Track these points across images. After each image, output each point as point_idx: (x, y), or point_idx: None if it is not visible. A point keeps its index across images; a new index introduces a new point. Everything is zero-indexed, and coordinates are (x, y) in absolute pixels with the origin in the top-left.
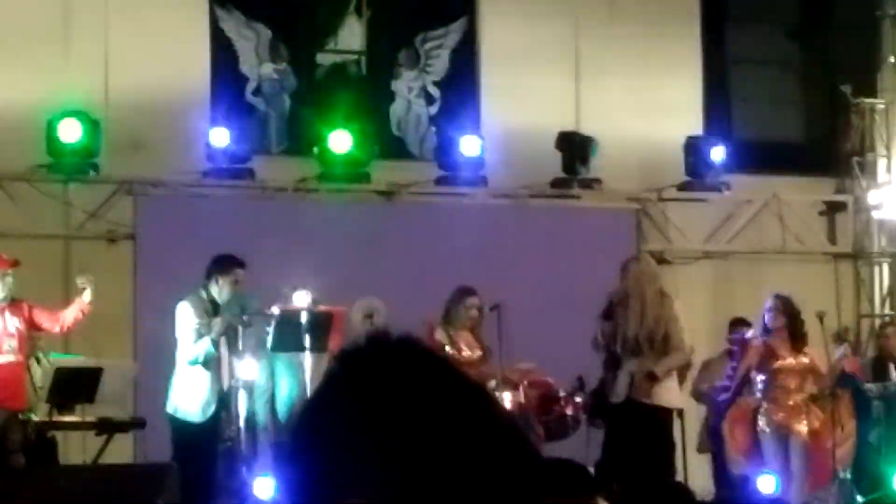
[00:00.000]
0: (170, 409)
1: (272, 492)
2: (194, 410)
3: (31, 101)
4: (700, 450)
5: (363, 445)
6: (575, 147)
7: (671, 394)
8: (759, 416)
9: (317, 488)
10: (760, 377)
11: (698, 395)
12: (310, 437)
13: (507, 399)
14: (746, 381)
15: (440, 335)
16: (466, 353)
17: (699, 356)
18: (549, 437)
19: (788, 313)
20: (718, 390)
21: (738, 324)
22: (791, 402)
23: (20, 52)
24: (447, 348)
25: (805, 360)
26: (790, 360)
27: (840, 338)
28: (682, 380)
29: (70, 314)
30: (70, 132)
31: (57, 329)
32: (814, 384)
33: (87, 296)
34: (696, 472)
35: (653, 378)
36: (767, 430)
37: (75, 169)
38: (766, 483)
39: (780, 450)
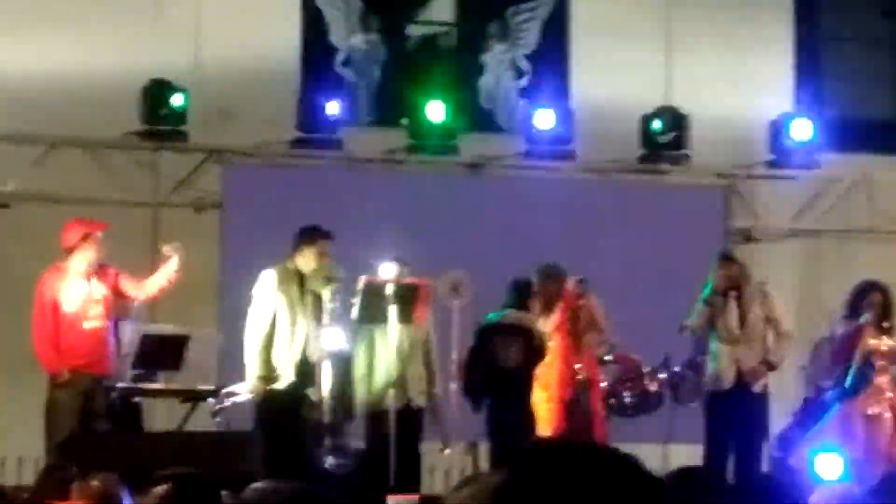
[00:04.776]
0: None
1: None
2: (275, 381)
3: (123, 69)
4: None
5: None
6: (665, 123)
7: None
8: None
9: None
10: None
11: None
12: None
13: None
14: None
15: None
16: None
17: None
18: (632, 413)
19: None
20: None
21: None
22: (878, 384)
23: (113, 20)
24: None
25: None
26: (880, 342)
27: None
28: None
29: (155, 282)
30: (161, 100)
31: (142, 297)
32: None
33: (173, 264)
34: None
35: None
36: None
37: (165, 137)
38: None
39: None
